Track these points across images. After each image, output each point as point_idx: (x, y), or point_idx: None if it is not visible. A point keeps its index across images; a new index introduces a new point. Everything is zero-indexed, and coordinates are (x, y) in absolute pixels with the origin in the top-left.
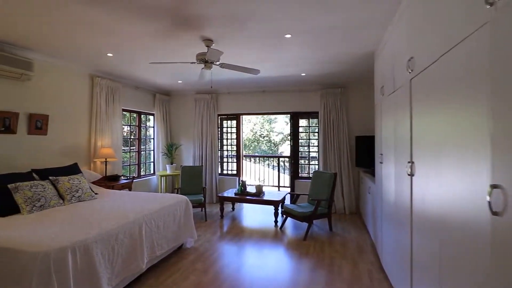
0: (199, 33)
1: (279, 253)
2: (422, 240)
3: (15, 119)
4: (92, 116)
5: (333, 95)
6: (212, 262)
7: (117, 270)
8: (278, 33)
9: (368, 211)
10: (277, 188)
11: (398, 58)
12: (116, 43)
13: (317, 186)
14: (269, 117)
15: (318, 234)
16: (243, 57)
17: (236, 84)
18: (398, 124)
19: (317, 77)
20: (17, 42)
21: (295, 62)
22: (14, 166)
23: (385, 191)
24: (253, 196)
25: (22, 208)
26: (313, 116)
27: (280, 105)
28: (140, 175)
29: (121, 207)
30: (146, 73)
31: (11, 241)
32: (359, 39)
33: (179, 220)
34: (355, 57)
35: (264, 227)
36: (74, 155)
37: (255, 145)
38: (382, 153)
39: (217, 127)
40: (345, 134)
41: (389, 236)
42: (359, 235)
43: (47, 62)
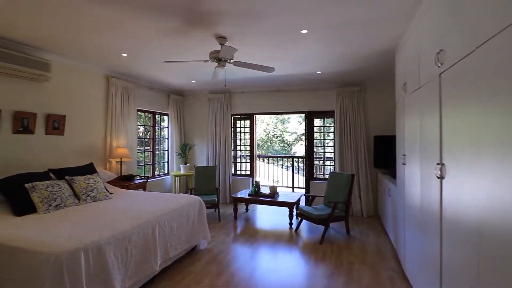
0: (212, 31)
1: (294, 257)
2: (454, 249)
3: (33, 120)
4: (107, 116)
5: (350, 93)
6: (226, 265)
7: (130, 271)
8: (294, 28)
9: (388, 214)
10: (291, 189)
11: (424, 52)
12: (129, 43)
13: (333, 187)
14: (282, 117)
15: (334, 237)
16: (257, 55)
17: (250, 84)
18: (425, 122)
19: (333, 75)
20: (34, 43)
21: (311, 60)
22: (32, 166)
23: (408, 194)
24: (267, 197)
25: (39, 207)
26: (329, 116)
27: (295, 104)
28: (154, 175)
29: (134, 208)
30: (159, 73)
31: (25, 241)
32: (379, 33)
33: (193, 221)
34: (374, 53)
35: (279, 229)
36: (90, 155)
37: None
38: (404, 154)
39: (230, 127)
40: (362, 134)
41: (413, 242)
42: (378, 239)
43: (64, 63)
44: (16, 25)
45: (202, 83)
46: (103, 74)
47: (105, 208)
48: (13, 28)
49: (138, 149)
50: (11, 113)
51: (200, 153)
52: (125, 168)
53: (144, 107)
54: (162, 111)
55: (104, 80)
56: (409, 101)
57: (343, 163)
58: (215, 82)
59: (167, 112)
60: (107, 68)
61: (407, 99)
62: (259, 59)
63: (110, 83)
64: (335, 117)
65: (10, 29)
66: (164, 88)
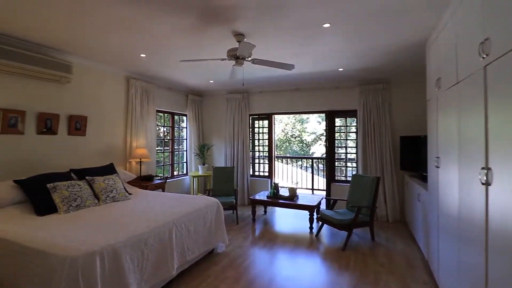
0: (229, 27)
1: (315, 264)
2: (505, 265)
3: (56, 121)
4: (127, 117)
5: (374, 91)
6: (244, 270)
7: (146, 276)
8: (316, 22)
9: (417, 221)
10: (310, 191)
11: (463, 42)
12: (147, 43)
13: (357, 191)
14: (301, 117)
15: (358, 244)
16: (277, 52)
17: (268, 83)
18: (465, 121)
19: (357, 71)
20: (56, 45)
21: (333, 56)
22: (55, 166)
23: (444, 201)
24: (287, 200)
25: (59, 207)
26: (351, 115)
27: (315, 103)
28: (173, 175)
29: (152, 209)
30: (178, 74)
31: (43, 243)
32: (409, 25)
33: (210, 224)
34: (402, 47)
35: (298, 233)
36: (110, 155)
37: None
38: (438, 156)
39: (248, 127)
40: (387, 134)
41: (450, 253)
42: (406, 247)
43: (85, 65)
44: (39, 27)
45: (220, 83)
46: (123, 75)
47: (123, 209)
48: (36, 31)
49: (157, 149)
50: (35, 115)
51: (218, 154)
52: (144, 168)
53: (163, 108)
54: (180, 112)
55: (124, 81)
56: (444, 98)
57: (367, 164)
58: (233, 81)
59: (186, 113)
60: (127, 69)
61: (441, 95)
62: (278, 56)
63: (130, 84)
64: (357, 117)
65: (33, 31)
66: (183, 88)
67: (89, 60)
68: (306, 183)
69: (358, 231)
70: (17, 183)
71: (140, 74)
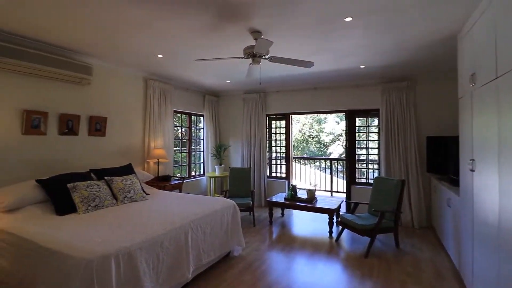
0: (246, 25)
1: (336, 271)
2: None
3: (77, 122)
4: (146, 117)
5: (398, 89)
6: (261, 275)
7: (162, 279)
8: (337, 16)
9: (447, 228)
10: (329, 193)
11: (504, 34)
12: (164, 43)
13: (380, 194)
14: (319, 117)
15: (382, 250)
16: (295, 49)
17: (286, 82)
18: (506, 120)
19: (379, 68)
20: (76, 47)
21: (354, 52)
22: (75, 166)
23: (480, 207)
24: (305, 202)
25: (79, 207)
26: (372, 114)
27: (334, 103)
28: (190, 176)
29: (168, 211)
30: (194, 74)
31: (61, 244)
32: (439, 17)
33: (227, 226)
34: (429, 41)
35: (317, 238)
36: (129, 156)
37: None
38: (473, 158)
39: (265, 128)
40: (412, 134)
41: (488, 264)
42: (434, 255)
43: (104, 67)
44: (60, 30)
45: (237, 82)
46: (141, 76)
47: (140, 210)
48: (57, 34)
49: (175, 149)
50: (57, 116)
51: (235, 154)
52: (162, 168)
53: (181, 108)
54: (198, 112)
55: (142, 82)
56: (480, 95)
57: (390, 166)
58: (249, 81)
59: (203, 113)
60: (145, 71)
61: (476, 92)
62: (297, 54)
63: (148, 85)
64: (380, 116)
65: (54, 34)
66: (200, 89)
67: (108, 61)
68: (324, 185)
69: (381, 237)
70: (39, 182)
71: (158, 75)
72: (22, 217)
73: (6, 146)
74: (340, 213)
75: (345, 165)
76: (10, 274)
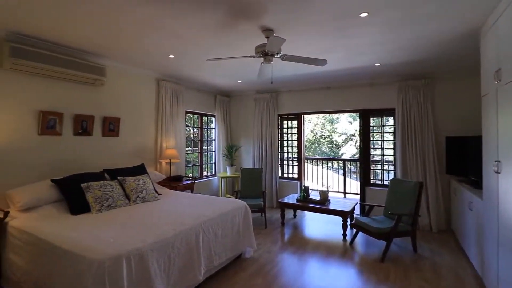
0: (258, 23)
1: (350, 276)
2: None
3: (91, 122)
4: (158, 118)
5: (414, 87)
6: (273, 278)
7: (173, 280)
8: (352, 11)
9: (469, 232)
10: (342, 194)
11: None
12: (176, 43)
13: (396, 196)
14: (331, 117)
15: (398, 255)
16: (308, 47)
17: (298, 81)
18: None
19: (395, 66)
20: (90, 49)
21: (369, 49)
22: (89, 166)
23: (506, 211)
24: (318, 204)
25: (92, 207)
26: (388, 114)
27: (347, 102)
28: (202, 176)
29: (179, 212)
30: (206, 74)
31: (74, 244)
32: (459, 11)
33: (238, 227)
34: (449, 36)
35: (331, 240)
36: (142, 156)
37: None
38: (498, 159)
39: (277, 128)
40: (430, 134)
41: None
42: (454, 260)
43: (118, 68)
44: (74, 31)
45: (248, 82)
46: (154, 77)
47: (152, 210)
48: (73, 36)
49: (187, 149)
50: (71, 116)
51: (246, 155)
52: (174, 168)
53: (192, 109)
54: (209, 113)
55: (155, 82)
56: (506, 92)
57: (406, 168)
58: (261, 81)
59: (214, 113)
60: (157, 71)
61: (502, 89)
62: (310, 52)
63: (160, 86)
64: (396, 116)
65: (69, 36)
66: (211, 89)
67: (121, 62)
68: (338, 186)
69: (397, 241)
70: (55, 182)
71: (170, 75)
72: (38, 216)
73: (23, 146)
74: (354, 215)
75: (358, 166)
76: (26, 273)
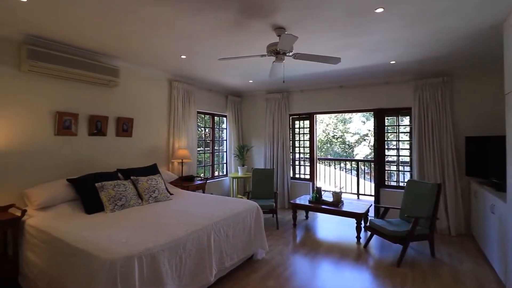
0: (269, 21)
1: (365, 280)
2: None
3: (105, 123)
4: (170, 118)
5: (432, 86)
6: (285, 281)
7: (184, 281)
8: (367, 7)
9: (490, 237)
10: (355, 196)
11: None
12: (187, 44)
13: (413, 199)
14: (343, 117)
15: (415, 259)
16: (320, 45)
17: (310, 80)
18: None
19: (411, 64)
20: (104, 50)
21: (385, 46)
22: (103, 166)
23: None
24: (331, 205)
25: (106, 206)
26: (403, 113)
27: (361, 101)
28: (213, 176)
29: (191, 212)
30: (217, 74)
31: (87, 243)
32: (480, 4)
33: (250, 229)
34: (469, 31)
35: (344, 243)
36: (154, 156)
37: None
38: None
39: (288, 128)
40: (449, 134)
41: None
42: (475, 266)
43: (131, 69)
44: (90, 35)
45: (260, 82)
46: (166, 78)
47: (164, 210)
48: (87, 38)
49: (198, 150)
50: (86, 117)
51: (257, 155)
52: (186, 168)
53: (204, 109)
54: (220, 113)
55: (167, 83)
56: None
57: (423, 169)
58: (273, 80)
59: (226, 114)
60: (170, 72)
61: None
62: (322, 50)
63: (172, 87)
64: (412, 115)
65: (84, 38)
66: (222, 89)
67: (134, 63)
68: (351, 188)
69: (414, 245)
70: (70, 181)
71: (182, 76)
72: (53, 215)
73: (40, 146)
74: (368, 217)
75: (373, 167)
76: (42, 271)
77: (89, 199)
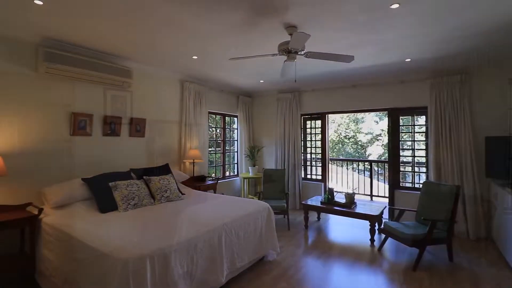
0: (281, 19)
1: (380, 284)
2: None
3: (119, 123)
4: (182, 119)
5: (450, 84)
6: (297, 283)
7: (195, 283)
8: (382, 2)
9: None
10: (368, 197)
11: None
12: (199, 44)
13: (430, 201)
14: (356, 117)
15: (432, 263)
16: (333, 43)
17: (322, 80)
18: None
19: (427, 61)
20: (117, 52)
21: (400, 43)
22: (117, 166)
23: None
24: (343, 207)
25: (119, 205)
26: (419, 113)
27: (375, 100)
28: (225, 176)
29: (202, 212)
30: (228, 75)
31: (100, 242)
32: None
33: (261, 229)
34: (489, 26)
35: (357, 245)
36: (166, 156)
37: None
38: None
39: (300, 128)
40: (467, 134)
41: None
42: (496, 271)
43: (143, 70)
44: (103, 36)
45: (271, 82)
46: (178, 79)
47: (175, 210)
48: (101, 39)
49: (210, 150)
50: (101, 118)
51: (268, 155)
52: (197, 168)
53: (215, 109)
54: (231, 113)
55: (179, 84)
56: None
57: (440, 170)
58: (284, 80)
59: (237, 114)
60: (181, 73)
61: None
62: (335, 48)
63: (184, 87)
64: (428, 114)
65: (98, 40)
66: (233, 90)
67: (147, 65)
68: (364, 189)
69: (431, 248)
70: (85, 181)
71: (193, 76)
72: (68, 214)
73: (57, 146)
74: (382, 219)
75: (387, 168)
76: (57, 268)
77: (103, 198)
